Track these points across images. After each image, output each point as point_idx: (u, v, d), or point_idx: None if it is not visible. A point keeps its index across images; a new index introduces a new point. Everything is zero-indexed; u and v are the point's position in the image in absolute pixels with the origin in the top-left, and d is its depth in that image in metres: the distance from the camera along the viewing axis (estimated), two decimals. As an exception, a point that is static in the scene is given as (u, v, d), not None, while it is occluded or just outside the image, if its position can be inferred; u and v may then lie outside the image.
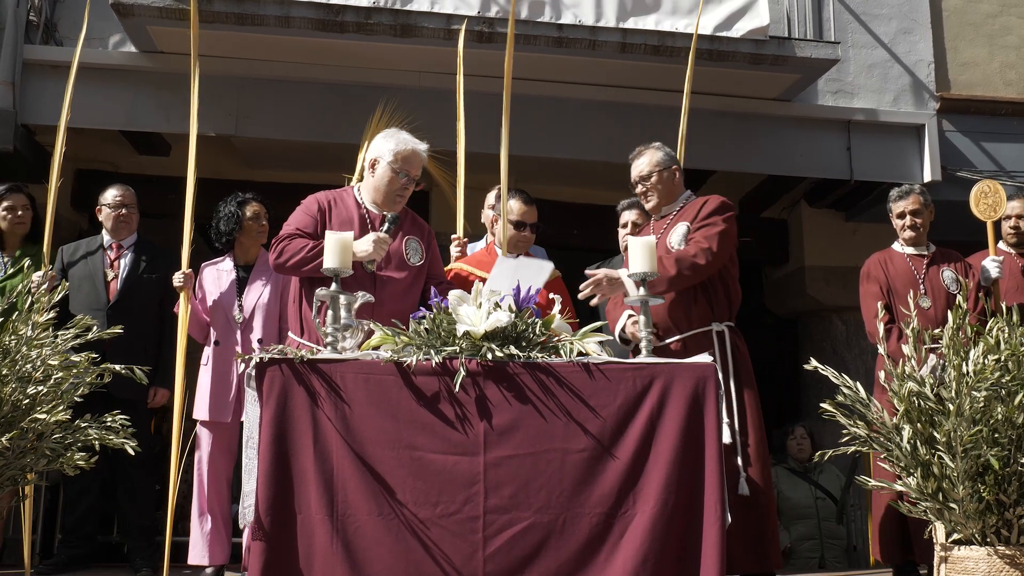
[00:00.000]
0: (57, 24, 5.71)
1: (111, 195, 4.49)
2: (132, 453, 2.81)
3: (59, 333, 2.91)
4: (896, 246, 4.32)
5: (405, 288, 3.34)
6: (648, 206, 3.74)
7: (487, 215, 4.35)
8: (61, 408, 2.75)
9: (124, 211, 4.47)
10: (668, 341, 3.43)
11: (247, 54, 5.56)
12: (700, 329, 3.42)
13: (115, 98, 5.61)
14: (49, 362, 2.79)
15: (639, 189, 3.71)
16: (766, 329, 8.70)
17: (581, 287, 3.29)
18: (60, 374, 2.82)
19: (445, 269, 3.94)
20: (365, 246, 3.21)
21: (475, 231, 4.45)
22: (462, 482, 2.63)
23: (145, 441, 3.99)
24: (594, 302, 3.43)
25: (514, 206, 4.04)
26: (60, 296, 3.16)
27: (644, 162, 3.67)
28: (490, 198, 4.35)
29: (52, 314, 2.95)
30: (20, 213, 4.51)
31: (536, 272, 3.35)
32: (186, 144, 4.19)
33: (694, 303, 3.45)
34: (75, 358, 2.87)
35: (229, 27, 5.25)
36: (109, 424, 2.84)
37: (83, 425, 2.84)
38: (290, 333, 3.40)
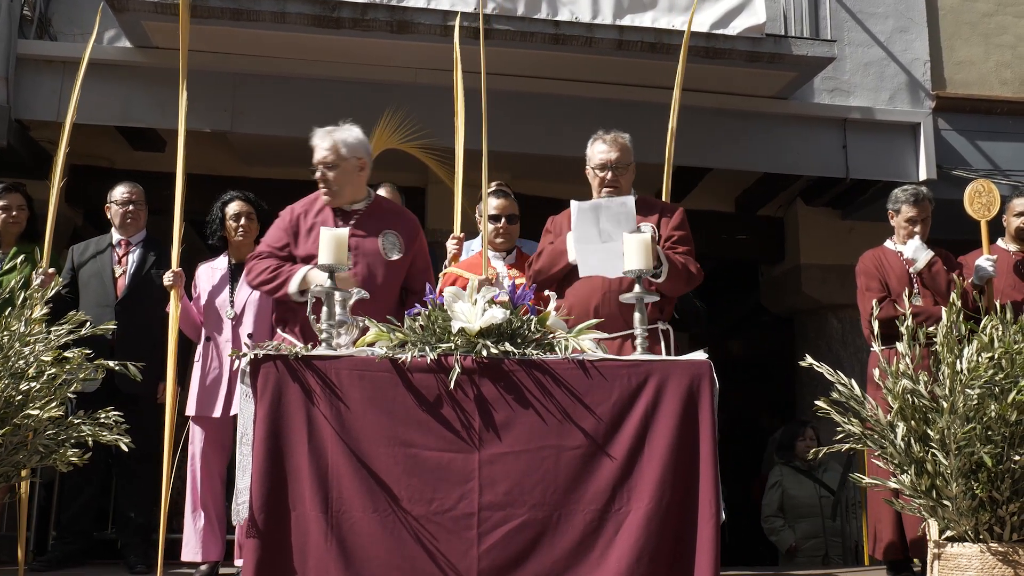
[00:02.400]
0: (51, 19, 5.69)
1: (119, 192, 4.49)
2: (125, 449, 2.80)
3: (52, 329, 2.90)
4: (889, 244, 4.32)
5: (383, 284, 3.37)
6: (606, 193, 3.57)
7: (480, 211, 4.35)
8: (54, 404, 2.74)
9: (132, 208, 4.47)
10: (615, 336, 3.33)
11: (242, 50, 5.55)
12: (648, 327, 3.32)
13: (110, 93, 5.58)
14: (42, 358, 2.79)
15: (609, 175, 3.54)
16: (762, 327, 8.72)
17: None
18: (53, 370, 2.81)
19: (444, 272, 3.94)
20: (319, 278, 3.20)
21: (473, 229, 4.45)
22: (457, 479, 2.63)
23: (149, 436, 3.98)
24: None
25: (491, 201, 4.05)
26: (53, 292, 3.14)
27: (621, 149, 3.55)
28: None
29: (46, 310, 2.94)
30: (15, 213, 4.50)
31: (618, 213, 3.23)
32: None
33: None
34: (68, 354, 2.87)
35: (224, 22, 5.23)
36: (103, 420, 2.84)
37: (76, 421, 2.83)
38: (278, 330, 3.39)
